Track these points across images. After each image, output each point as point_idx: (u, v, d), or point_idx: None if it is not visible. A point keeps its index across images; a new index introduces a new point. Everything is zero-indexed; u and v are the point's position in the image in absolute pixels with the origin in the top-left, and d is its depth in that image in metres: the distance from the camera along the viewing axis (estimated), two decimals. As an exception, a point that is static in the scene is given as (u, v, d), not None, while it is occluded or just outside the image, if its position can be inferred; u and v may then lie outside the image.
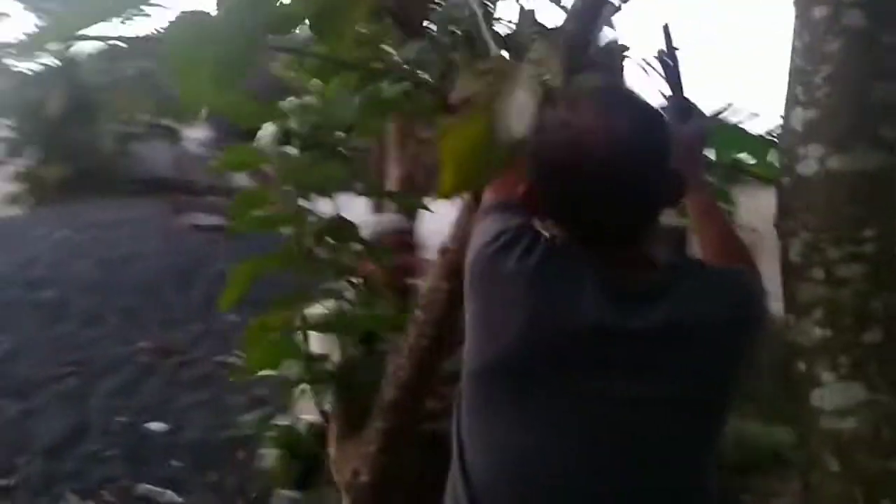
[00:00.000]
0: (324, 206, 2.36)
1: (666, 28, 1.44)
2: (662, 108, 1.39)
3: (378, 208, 3.10)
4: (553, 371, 1.15)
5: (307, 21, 1.55)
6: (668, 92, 1.43)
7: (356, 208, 2.83)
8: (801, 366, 1.08)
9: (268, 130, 2.41)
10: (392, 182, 2.88)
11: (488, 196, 1.44)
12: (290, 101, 2.36)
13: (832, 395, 1.04)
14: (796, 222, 1.07)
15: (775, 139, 1.97)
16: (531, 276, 1.16)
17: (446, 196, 0.71)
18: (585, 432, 1.15)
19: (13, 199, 14.12)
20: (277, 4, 1.54)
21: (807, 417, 1.07)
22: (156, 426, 5.72)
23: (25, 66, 14.56)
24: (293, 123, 2.26)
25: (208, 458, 5.13)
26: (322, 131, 2.29)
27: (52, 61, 14.33)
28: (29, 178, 13.97)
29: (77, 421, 5.84)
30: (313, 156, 2.18)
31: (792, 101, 1.10)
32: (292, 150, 2.28)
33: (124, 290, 8.25)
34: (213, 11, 1.40)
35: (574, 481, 1.15)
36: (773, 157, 1.91)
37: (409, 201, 2.37)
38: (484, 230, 1.25)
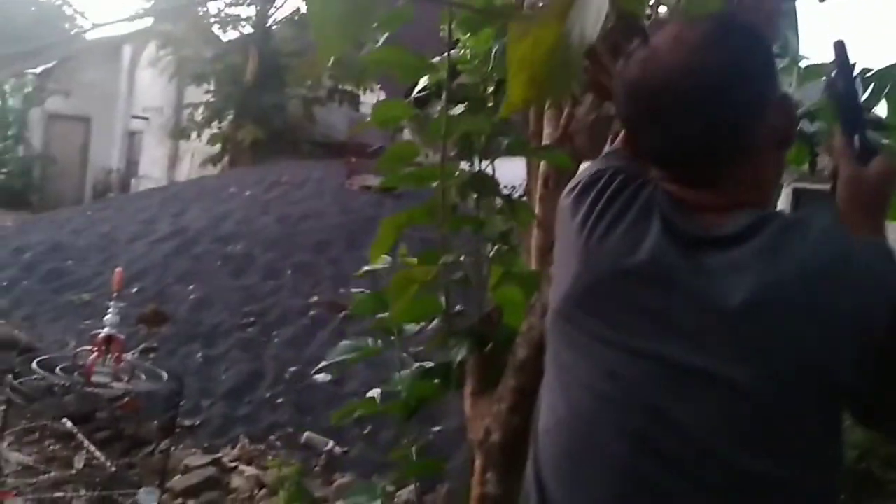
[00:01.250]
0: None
1: (840, 46, 1.18)
2: (839, 147, 1.16)
3: (530, 167, 3.02)
4: (602, 320, 1.04)
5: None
6: (844, 126, 1.16)
7: (516, 170, 2.80)
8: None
9: (422, 85, 2.42)
10: (546, 141, 2.79)
11: None
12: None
13: None
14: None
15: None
16: (595, 217, 1.07)
17: (516, 108, 0.65)
18: (624, 398, 1.00)
19: (212, 160, 15.19)
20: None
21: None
22: (321, 377, 5.97)
23: (228, 36, 15.60)
24: (441, 77, 2.25)
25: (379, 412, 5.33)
26: (469, 85, 2.27)
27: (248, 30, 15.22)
28: (226, 140, 14.97)
29: (254, 368, 6.22)
30: (459, 111, 2.16)
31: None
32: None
33: (300, 246, 8.70)
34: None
35: (605, 455, 1.01)
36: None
37: (560, 158, 2.27)
38: (574, 177, 1.19)
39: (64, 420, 4.09)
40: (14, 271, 8.12)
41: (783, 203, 8.67)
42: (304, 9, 14.75)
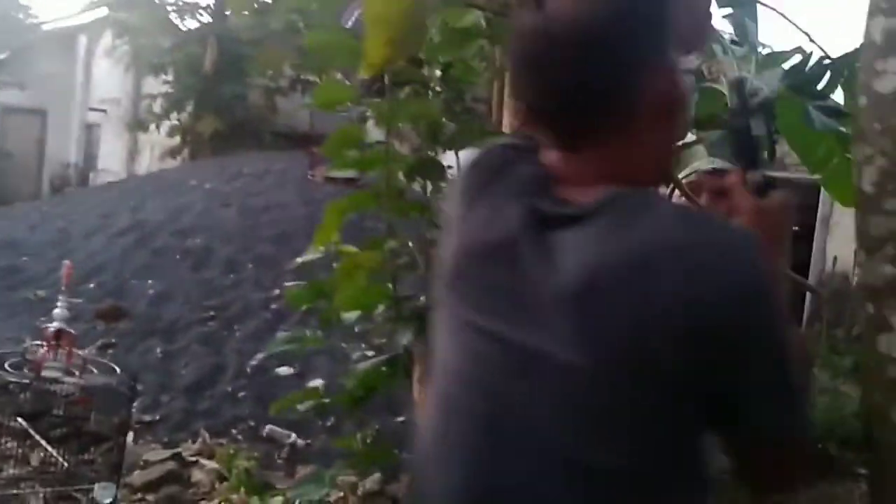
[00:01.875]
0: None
1: (739, 82, 1.22)
2: (737, 181, 1.12)
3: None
4: (466, 302, 1.01)
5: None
6: (742, 161, 1.15)
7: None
8: (870, 308, 0.95)
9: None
10: (506, 129, 2.80)
11: None
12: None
13: (903, 342, 0.92)
14: (872, 147, 0.94)
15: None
16: (469, 198, 1.06)
17: (374, 67, 0.65)
18: (479, 382, 0.98)
19: (172, 153, 15.00)
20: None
21: (872, 364, 0.95)
22: (283, 370, 5.95)
23: (186, 25, 15.39)
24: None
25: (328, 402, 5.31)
26: (413, 68, 2.26)
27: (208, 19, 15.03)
28: (185, 132, 14.78)
29: (215, 362, 6.16)
30: (404, 94, 2.16)
31: (874, 10, 0.95)
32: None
33: (262, 238, 8.63)
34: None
35: (461, 442, 0.98)
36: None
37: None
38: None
39: (18, 418, 4.03)
40: (-33, 268, 7.97)
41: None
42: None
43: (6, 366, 3.43)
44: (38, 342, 3.54)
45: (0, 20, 21.62)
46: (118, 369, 3.71)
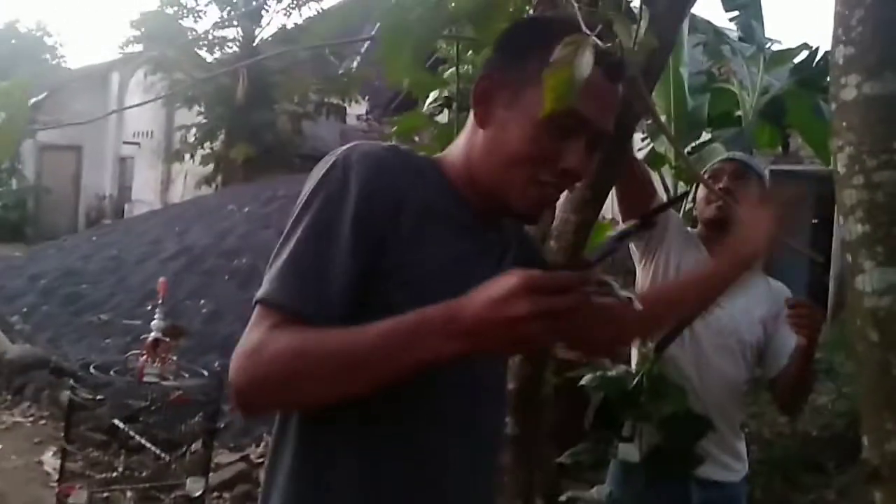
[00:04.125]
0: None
1: (625, 234, 1.52)
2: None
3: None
4: None
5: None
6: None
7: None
8: (849, 258, 1.33)
9: (432, 97, 2.81)
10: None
11: None
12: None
13: (872, 279, 1.29)
14: (842, 139, 1.32)
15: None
16: None
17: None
18: None
19: (205, 180, 15.43)
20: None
21: (854, 299, 1.32)
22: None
23: (214, 57, 15.82)
24: (451, 90, 2.65)
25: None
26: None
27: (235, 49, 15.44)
28: (218, 160, 15.21)
29: (271, 371, 6.51)
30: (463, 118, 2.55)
31: (836, 40, 1.34)
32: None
33: (304, 255, 8.98)
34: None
35: None
36: None
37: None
38: None
39: (116, 421, 4.43)
40: (32, 297, 8.44)
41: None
42: (289, 25, 15.05)
43: (111, 372, 3.84)
44: (138, 351, 3.95)
45: (29, 62, 22.10)
46: (206, 373, 4.12)
